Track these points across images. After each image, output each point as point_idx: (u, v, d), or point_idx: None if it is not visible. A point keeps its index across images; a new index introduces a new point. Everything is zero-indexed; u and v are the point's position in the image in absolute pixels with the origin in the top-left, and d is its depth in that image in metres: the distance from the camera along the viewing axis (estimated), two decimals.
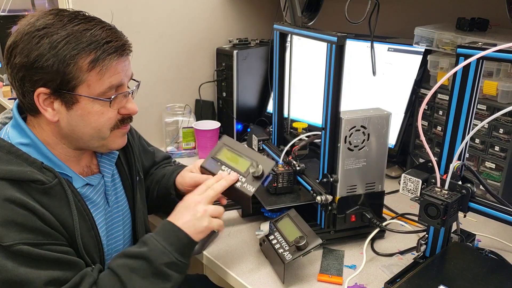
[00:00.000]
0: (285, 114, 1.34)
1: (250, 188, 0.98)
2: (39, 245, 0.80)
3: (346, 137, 1.01)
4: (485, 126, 1.21)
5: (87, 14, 0.89)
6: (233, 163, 1.03)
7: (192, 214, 0.94)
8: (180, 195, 1.12)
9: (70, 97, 0.85)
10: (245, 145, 1.05)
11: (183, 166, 1.21)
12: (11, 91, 2.21)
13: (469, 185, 0.86)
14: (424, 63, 1.39)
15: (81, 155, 0.96)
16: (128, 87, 0.95)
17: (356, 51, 1.54)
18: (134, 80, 0.99)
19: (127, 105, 0.94)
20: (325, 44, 1.01)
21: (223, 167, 1.03)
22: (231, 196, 1.08)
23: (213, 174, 1.03)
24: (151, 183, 1.21)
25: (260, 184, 0.97)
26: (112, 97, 0.89)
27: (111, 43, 0.86)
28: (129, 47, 0.91)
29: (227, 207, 1.19)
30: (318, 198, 1.05)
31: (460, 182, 0.87)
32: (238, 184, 0.99)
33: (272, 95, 1.64)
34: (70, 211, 0.86)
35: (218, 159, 1.05)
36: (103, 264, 0.95)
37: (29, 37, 0.82)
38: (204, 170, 1.07)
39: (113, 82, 0.88)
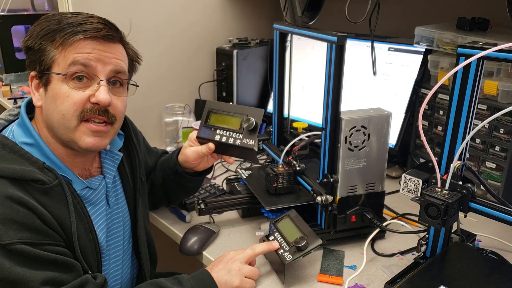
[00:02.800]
0: (285, 114, 1.34)
1: (250, 142, 1.04)
2: (37, 245, 0.79)
3: (346, 137, 1.01)
4: (485, 126, 1.21)
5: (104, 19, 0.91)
6: (225, 124, 1.09)
7: (227, 271, 0.95)
8: (188, 173, 1.16)
9: (47, 78, 0.87)
10: (230, 103, 1.10)
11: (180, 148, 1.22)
12: (11, 91, 2.21)
13: (469, 185, 0.86)
14: (424, 63, 1.39)
15: (78, 157, 0.94)
16: (114, 81, 0.93)
17: (356, 51, 1.54)
18: (134, 85, 1.02)
19: (97, 93, 0.87)
20: (325, 44, 1.01)
21: (217, 131, 1.09)
22: (237, 154, 1.13)
23: (211, 141, 1.09)
24: (154, 174, 1.22)
25: (257, 134, 1.03)
26: (70, 71, 0.86)
27: (87, 25, 0.87)
28: (109, 36, 0.89)
29: (227, 208, 1.19)
30: (318, 198, 1.05)
31: (460, 182, 0.87)
32: (238, 142, 1.04)
33: (272, 95, 1.64)
34: (68, 213, 0.86)
35: (210, 125, 1.10)
36: (100, 268, 0.94)
37: (33, 26, 0.89)
38: (201, 140, 1.12)
39: (77, 58, 0.85)
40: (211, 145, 1.09)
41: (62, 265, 0.82)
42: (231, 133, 1.06)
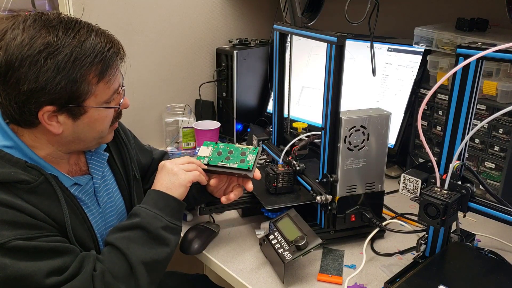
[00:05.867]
0: (285, 114, 1.35)
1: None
2: (34, 238, 0.79)
3: (346, 137, 1.01)
4: (484, 126, 1.21)
5: (67, 16, 0.86)
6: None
7: (166, 173, 0.99)
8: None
9: (78, 110, 0.85)
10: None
11: None
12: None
13: (468, 185, 0.87)
14: (423, 63, 1.39)
15: (66, 155, 0.95)
16: None
17: (356, 51, 1.54)
18: None
19: (125, 102, 0.96)
20: (325, 44, 1.01)
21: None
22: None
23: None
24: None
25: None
26: (121, 102, 0.94)
27: (111, 50, 0.86)
28: (123, 49, 0.91)
29: (227, 207, 1.20)
30: (318, 198, 1.05)
31: (459, 182, 0.87)
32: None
33: (272, 95, 1.64)
34: (60, 207, 0.86)
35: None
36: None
37: (32, 61, 0.78)
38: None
39: (115, 87, 0.90)
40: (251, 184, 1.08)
41: (63, 251, 0.83)
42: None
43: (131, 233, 0.90)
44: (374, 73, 1.06)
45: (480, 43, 0.80)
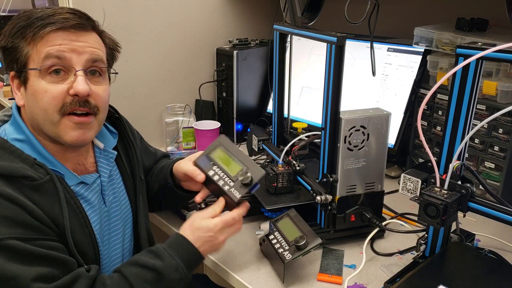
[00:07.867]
0: (285, 114, 1.35)
1: (236, 194, 0.97)
2: (29, 240, 0.79)
3: (345, 137, 1.01)
4: (484, 126, 1.21)
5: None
6: (224, 165, 1.02)
7: (208, 231, 0.94)
8: (177, 185, 1.14)
9: (24, 76, 0.88)
10: (241, 149, 1.04)
11: (181, 159, 1.20)
12: (11, 91, 2.21)
13: (468, 185, 0.87)
14: (423, 63, 1.40)
15: (69, 151, 0.94)
16: (93, 70, 0.91)
17: (356, 51, 1.54)
18: (114, 73, 0.99)
19: (75, 84, 0.86)
20: (325, 44, 1.01)
21: (214, 167, 1.03)
22: (219, 196, 1.04)
23: (204, 172, 1.03)
24: (151, 178, 1.21)
25: (247, 190, 0.96)
26: (44, 65, 0.85)
27: (56, 16, 0.86)
28: (80, 25, 0.88)
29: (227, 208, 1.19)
30: (318, 198, 1.06)
31: (459, 182, 0.87)
32: (226, 188, 0.98)
33: (272, 95, 1.64)
34: (61, 208, 0.85)
35: (212, 158, 1.04)
36: (98, 262, 0.93)
37: (6, 26, 0.88)
38: (197, 166, 1.06)
39: (50, 51, 0.85)
40: (202, 176, 1.03)
41: (54, 260, 0.81)
42: (225, 176, 1.00)
43: (148, 273, 0.88)
44: (374, 73, 1.06)
45: (480, 43, 0.80)
